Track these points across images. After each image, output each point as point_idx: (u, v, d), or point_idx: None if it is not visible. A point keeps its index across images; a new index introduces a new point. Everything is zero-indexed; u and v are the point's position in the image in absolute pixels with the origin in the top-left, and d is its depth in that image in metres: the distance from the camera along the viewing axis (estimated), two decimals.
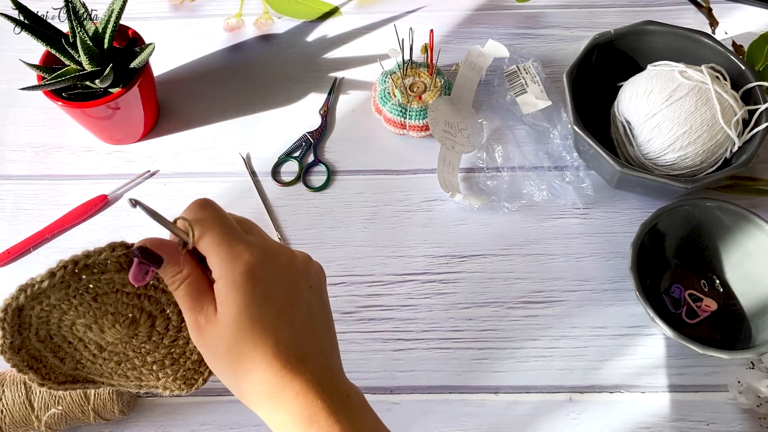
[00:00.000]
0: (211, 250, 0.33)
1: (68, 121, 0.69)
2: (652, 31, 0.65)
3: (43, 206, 0.67)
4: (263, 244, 0.35)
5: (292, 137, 0.70)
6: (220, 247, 0.33)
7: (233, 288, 0.32)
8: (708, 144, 0.59)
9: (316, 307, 0.36)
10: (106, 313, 0.35)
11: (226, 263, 0.33)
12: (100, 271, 0.34)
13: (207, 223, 0.34)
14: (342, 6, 0.79)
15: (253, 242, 0.34)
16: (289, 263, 0.35)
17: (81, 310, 0.35)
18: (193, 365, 0.39)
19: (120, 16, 0.61)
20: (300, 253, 0.37)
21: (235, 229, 0.34)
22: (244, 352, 0.33)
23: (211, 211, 0.34)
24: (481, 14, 0.78)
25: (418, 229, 0.65)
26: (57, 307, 0.34)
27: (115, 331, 0.36)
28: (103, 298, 0.35)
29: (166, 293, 0.37)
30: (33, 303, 0.33)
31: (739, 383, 0.56)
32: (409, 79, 0.69)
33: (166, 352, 0.38)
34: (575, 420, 0.56)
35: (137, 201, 0.32)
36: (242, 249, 0.33)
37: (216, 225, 0.34)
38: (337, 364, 0.36)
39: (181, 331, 0.38)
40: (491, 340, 0.60)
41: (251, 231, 0.36)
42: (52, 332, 0.36)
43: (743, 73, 0.62)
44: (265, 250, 0.34)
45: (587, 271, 0.62)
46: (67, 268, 0.33)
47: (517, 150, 0.69)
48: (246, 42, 0.77)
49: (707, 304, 0.59)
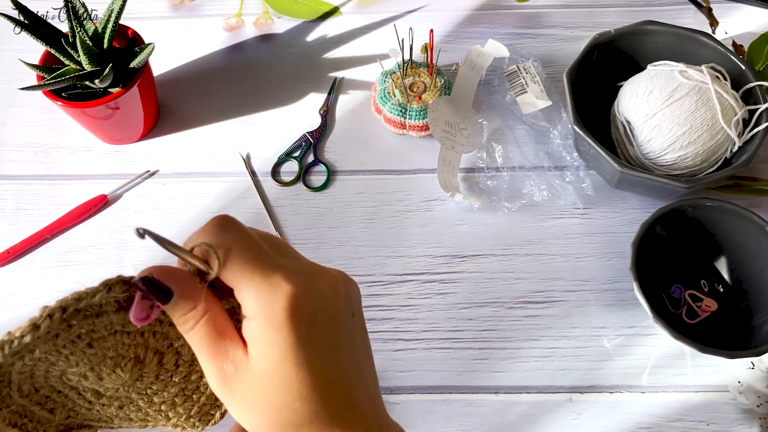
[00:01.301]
0: (241, 281, 0.27)
1: (68, 121, 0.69)
2: (652, 31, 0.65)
3: (42, 206, 0.67)
4: (301, 268, 0.29)
5: (292, 137, 0.70)
6: (254, 278, 0.27)
7: (274, 328, 0.27)
8: (708, 144, 0.59)
9: (359, 337, 0.31)
10: (104, 358, 0.30)
11: (262, 297, 0.27)
12: (94, 314, 0.28)
13: (233, 247, 0.27)
14: (342, 6, 0.79)
15: (291, 268, 0.28)
16: (330, 290, 0.29)
17: (73, 360, 0.29)
18: (209, 399, 0.34)
19: (120, 15, 0.61)
20: (337, 273, 0.31)
21: (267, 252, 0.28)
22: (287, 403, 0.27)
23: (237, 233, 0.28)
24: (481, 14, 0.78)
25: (418, 229, 0.65)
26: (43, 360, 0.28)
27: (116, 376, 0.31)
28: (100, 343, 0.29)
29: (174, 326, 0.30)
30: (13, 360, 0.27)
31: (739, 383, 0.56)
32: (409, 79, 0.69)
33: (177, 390, 0.33)
34: (575, 420, 0.56)
35: (145, 230, 0.27)
36: (281, 278, 0.27)
37: (245, 249, 0.27)
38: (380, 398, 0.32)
39: (193, 364, 0.33)
40: (491, 340, 0.60)
41: (282, 251, 0.30)
42: (37, 385, 0.30)
43: (743, 73, 0.62)
44: (306, 277, 0.28)
45: (587, 271, 0.62)
46: (54, 317, 0.27)
47: (517, 150, 0.68)
48: (246, 42, 0.77)
49: (707, 304, 0.59)
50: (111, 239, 0.65)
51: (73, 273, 0.63)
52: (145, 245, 0.64)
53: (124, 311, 0.29)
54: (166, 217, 0.66)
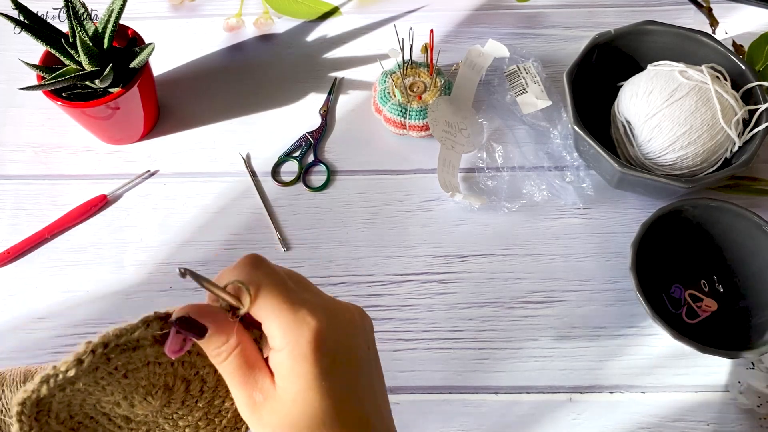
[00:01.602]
0: (271, 316, 0.30)
1: (68, 121, 0.69)
2: (652, 31, 0.65)
3: (43, 206, 0.67)
4: (323, 304, 0.31)
5: (292, 137, 0.70)
6: (282, 313, 0.29)
7: (301, 360, 0.29)
8: (708, 144, 0.59)
9: (374, 366, 0.34)
10: (137, 387, 0.32)
11: (290, 331, 0.29)
12: (132, 347, 0.30)
13: (263, 284, 0.30)
14: (342, 6, 0.79)
15: (314, 304, 0.31)
16: (349, 323, 0.32)
17: (108, 389, 0.31)
18: (229, 422, 0.36)
19: (120, 16, 0.61)
20: (354, 308, 0.34)
21: (293, 289, 0.31)
22: (311, 429, 0.30)
23: (267, 271, 0.31)
24: (481, 14, 0.78)
25: (418, 229, 0.65)
26: (82, 390, 0.31)
27: (147, 403, 0.33)
28: (134, 374, 0.32)
29: (201, 356, 0.33)
30: (55, 391, 0.30)
31: (739, 383, 0.56)
32: (409, 79, 0.69)
33: (201, 415, 0.36)
34: (575, 420, 0.56)
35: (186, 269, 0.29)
36: (306, 313, 0.30)
37: (274, 286, 0.30)
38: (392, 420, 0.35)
39: (216, 390, 0.35)
40: (491, 340, 0.60)
41: (303, 287, 0.32)
42: (73, 412, 0.33)
43: (743, 73, 0.62)
44: (328, 313, 0.31)
45: (587, 271, 0.62)
46: (96, 352, 0.29)
47: (517, 150, 0.68)
48: (246, 42, 0.77)
49: (707, 304, 0.59)
50: (111, 239, 0.65)
51: (74, 273, 0.63)
52: (146, 245, 0.65)
53: (159, 344, 0.31)
54: (166, 217, 0.66)
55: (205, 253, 0.64)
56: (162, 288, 0.62)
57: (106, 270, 0.64)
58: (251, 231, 0.65)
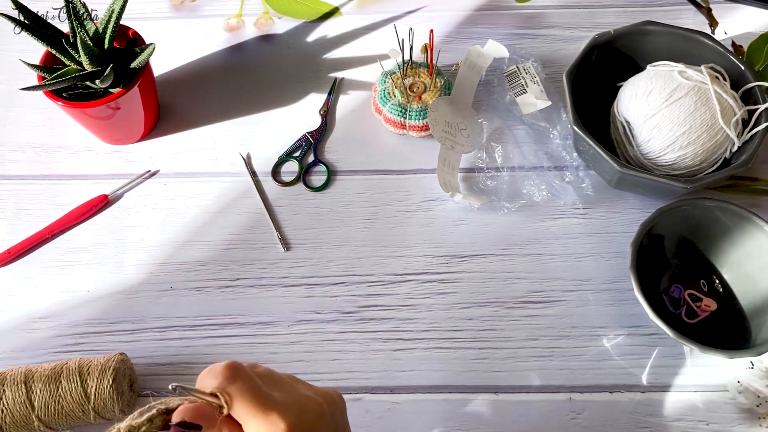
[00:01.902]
0: (247, 420, 0.35)
1: (68, 121, 0.69)
2: (652, 32, 0.65)
3: (43, 206, 0.67)
4: (292, 403, 0.37)
5: (292, 137, 0.70)
6: (255, 417, 0.35)
7: None
8: (708, 144, 0.60)
9: None
10: None
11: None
12: None
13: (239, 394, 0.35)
14: (342, 6, 0.79)
15: (284, 405, 0.36)
16: (318, 417, 0.37)
17: None
18: None
19: (120, 16, 0.61)
20: (323, 398, 0.39)
21: (266, 395, 0.36)
22: None
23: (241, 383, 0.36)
24: (481, 14, 0.78)
25: (418, 229, 0.65)
26: None
27: None
28: None
29: None
30: None
31: (738, 383, 0.56)
32: (409, 80, 0.69)
33: None
34: (575, 420, 0.56)
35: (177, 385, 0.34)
36: (276, 417, 0.35)
37: (248, 395, 0.35)
38: None
39: None
40: (491, 340, 0.60)
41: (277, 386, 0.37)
42: None
43: (743, 73, 0.63)
44: (296, 412, 0.36)
45: (587, 270, 0.63)
46: None
47: (516, 150, 0.69)
48: (246, 42, 0.78)
49: (707, 304, 0.59)
50: (111, 239, 0.65)
51: (74, 273, 0.64)
52: (146, 245, 0.65)
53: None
54: (167, 217, 0.66)
55: (205, 253, 0.64)
56: (162, 288, 0.63)
57: (107, 270, 0.64)
58: (251, 231, 0.65)
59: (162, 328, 0.60)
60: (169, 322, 0.61)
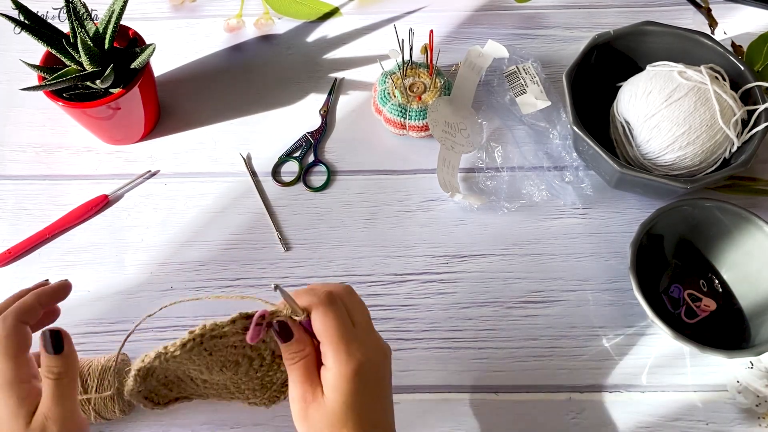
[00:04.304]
0: (330, 345, 0.40)
1: (69, 122, 0.69)
2: (652, 32, 0.65)
3: (44, 206, 0.67)
4: (368, 341, 0.42)
5: (293, 137, 0.70)
6: (339, 345, 0.40)
7: (344, 381, 0.39)
8: (707, 144, 0.60)
9: (389, 389, 0.44)
10: (217, 362, 0.43)
11: (341, 359, 0.39)
12: (219, 336, 0.41)
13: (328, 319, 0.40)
14: (342, 6, 0.79)
15: (362, 341, 0.41)
16: (383, 359, 0.43)
17: (196, 362, 0.43)
18: (277, 389, 0.48)
19: (120, 16, 0.61)
20: (386, 345, 0.44)
21: (350, 328, 0.41)
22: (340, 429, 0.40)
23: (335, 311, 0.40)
24: (480, 14, 0.78)
25: (418, 229, 0.65)
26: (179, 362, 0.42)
27: (221, 373, 0.45)
28: (217, 353, 0.42)
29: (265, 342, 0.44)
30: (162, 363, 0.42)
31: (738, 383, 0.56)
32: (409, 80, 0.69)
33: (259, 383, 0.47)
34: (575, 420, 0.56)
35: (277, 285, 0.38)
36: (355, 349, 0.40)
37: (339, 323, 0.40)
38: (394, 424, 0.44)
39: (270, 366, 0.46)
40: (491, 340, 0.60)
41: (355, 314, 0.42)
42: (168, 375, 0.46)
43: (742, 73, 0.63)
44: (371, 349, 0.41)
45: (587, 270, 0.63)
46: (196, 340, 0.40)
47: (516, 150, 0.69)
48: (246, 42, 0.78)
49: (706, 303, 0.59)
50: (112, 239, 0.65)
51: (74, 273, 0.64)
52: (146, 245, 0.65)
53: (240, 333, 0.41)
54: (167, 217, 0.66)
55: (206, 253, 0.64)
56: (163, 288, 0.63)
57: (107, 270, 0.64)
58: (251, 231, 0.65)
59: (162, 328, 0.60)
60: (169, 322, 0.61)
